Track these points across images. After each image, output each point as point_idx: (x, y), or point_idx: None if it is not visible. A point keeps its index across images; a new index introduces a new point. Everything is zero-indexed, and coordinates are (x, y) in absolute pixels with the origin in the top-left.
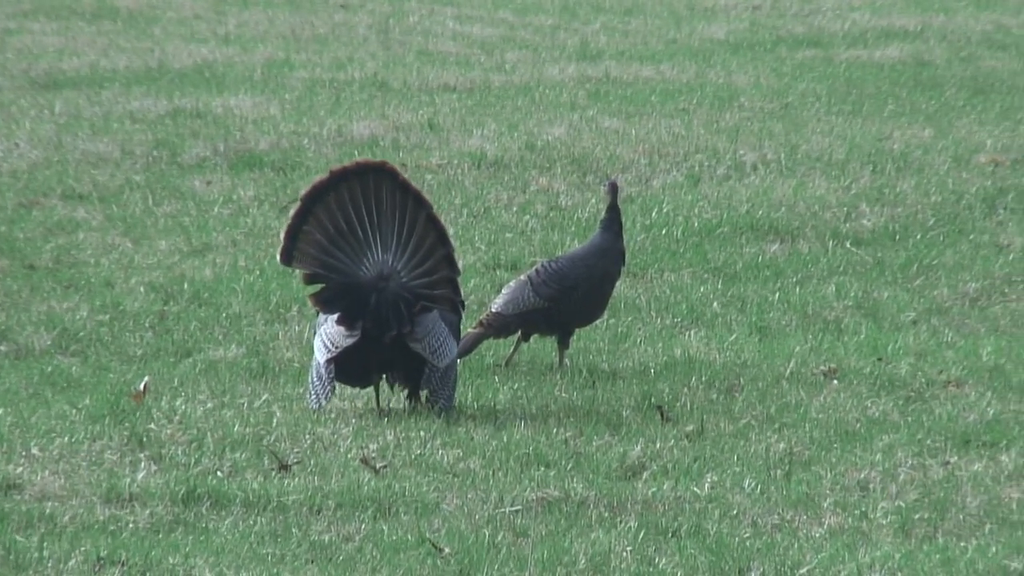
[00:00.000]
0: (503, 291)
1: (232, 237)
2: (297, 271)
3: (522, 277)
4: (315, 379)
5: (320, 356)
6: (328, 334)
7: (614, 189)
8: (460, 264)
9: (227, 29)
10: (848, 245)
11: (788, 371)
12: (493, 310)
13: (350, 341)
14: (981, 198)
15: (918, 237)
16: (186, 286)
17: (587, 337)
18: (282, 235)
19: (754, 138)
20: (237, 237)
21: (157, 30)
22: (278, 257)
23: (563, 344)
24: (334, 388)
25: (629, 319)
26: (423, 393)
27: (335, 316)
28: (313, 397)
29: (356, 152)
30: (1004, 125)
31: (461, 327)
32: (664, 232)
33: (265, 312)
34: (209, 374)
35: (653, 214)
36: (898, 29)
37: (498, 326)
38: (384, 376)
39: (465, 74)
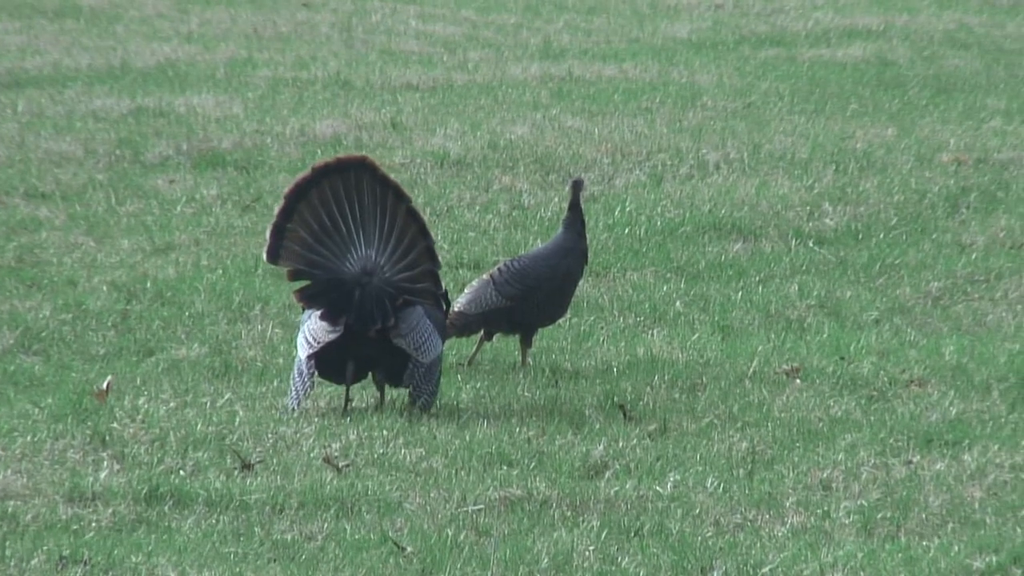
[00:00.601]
0: (466, 290)
1: (195, 236)
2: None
3: (484, 276)
4: (295, 375)
5: (301, 352)
6: (310, 330)
7: (576, 187)
8: (440, 257)
9: (190, 28)
10: (811, 244)
11: (751, 370)
12: (456, 309)
13: (332, 336)
14: (944, 197)
15: (881, 236)
16: (149, 285)
17: (550, 336)
18: (267, 233)
19: (717, 137)
20: (200, 236)
21: (120, 29)
22: (264, 256)
23: (526, 343)
24: (314, 385)
25: (592, 318)
26: (407, 390)
27: (319, 312)
28: (293, 394)
29: (319, 151)
30: (967, 124)
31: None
32: (627, 231)
33: (228, 311)
34: (172, 373)
35: (616, 213)
36: (861, 28)
37: (460, 325)
38: (370, 374)
39: (428, 73)
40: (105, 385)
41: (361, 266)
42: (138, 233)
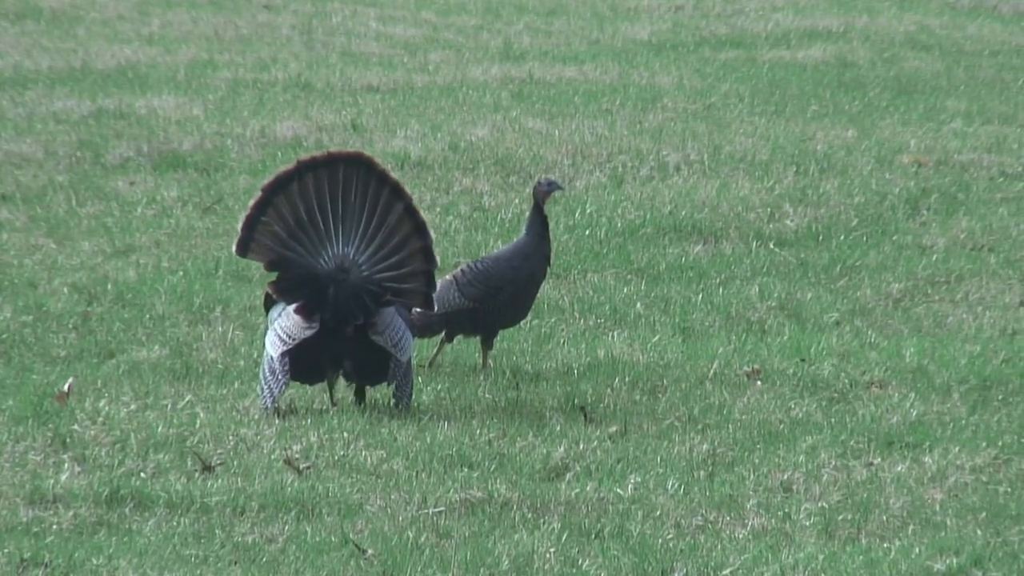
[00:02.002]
0: None
1: (156, 238)
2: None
3: (447, 277)
4: (267, 374)
5: (273, 350)
6: (284, 327)
7: (542, 191)
8: (438, 257)
9: (151, 30)
10: (771, 246)
11: (711, 372)
12: (417, 309)
13: (308, 333)
14: (904, 199)
15: (841, 238)
16: (109, 287)
17: (511, 338)
18: (239, 225)
19: (677, 139)
20: (161, 238)
21: (81, 30)
22: (234, 248)
23: (487, 345)
24: (287, 384)
25: (552, 320)
26: (390, 389)
27: (292, 308)
28: (266, 393)
29: (280, 153)
30: (927, 126)
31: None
32: (587, 233)
33: (188, 313)
34: (132, 375)
35: (576, 215)
36: (821, 30)
37: (422, 325)
38: (340, 372)
39: (388, 75)
40: (66, 387)
41: (336, 263)
42: (99, 235)
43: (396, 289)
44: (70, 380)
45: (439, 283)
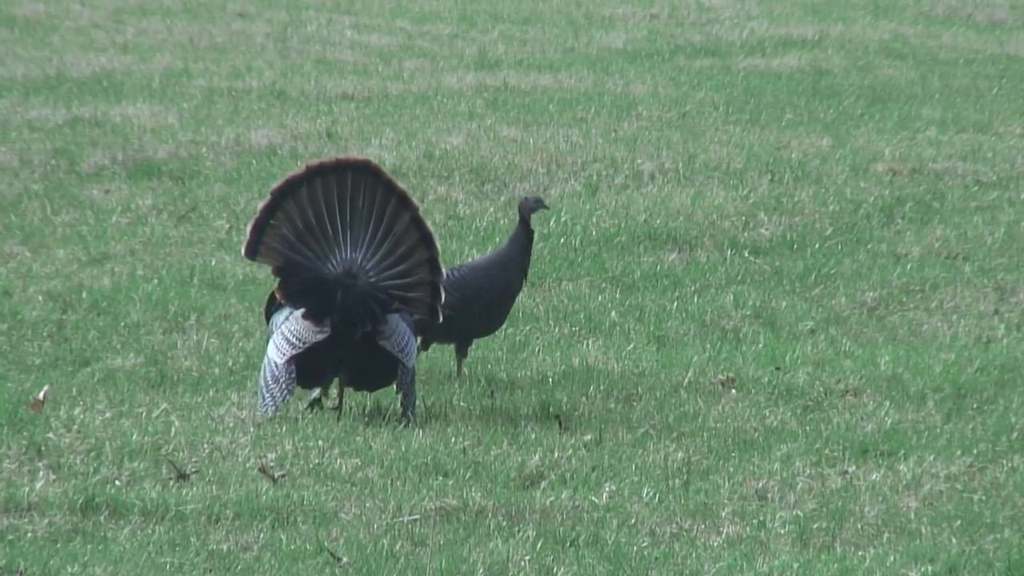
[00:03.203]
0: None
1: (130, 246)
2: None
3: None
4: (269, 382)
5: (278, 357)
6: (293, 331)
7: (527, 206)
8: (445, 269)
9: (125, 38)
10: (746, 254)
11: (686, 380)
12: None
13: (320, 337)
14: (879, 207)
15: (816, 246)
16: (84, 295)
17: (485, 346)
18: (248, 229)
19: (652, 147)
20: (135, 246)
21: (55, 39)
22: (243, 251)
23: (461, 353)
24: (292, 390)
25: (527, 328)
26: (398, 397)
27: (300, 313)
28: (268, 401)
29: (254, 161)
30: (902, 134)
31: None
32: (562, 241)
33: (163, 321)
34: (107, 383)
35: (551, 223)
36: (796, 38)
37: None
38: (340, 377)
39: (363, 83)
40: (41, 395)
41: (344, 268)
42: (73, 243)
43: (402, 297)
44: (45, 388)
45: None
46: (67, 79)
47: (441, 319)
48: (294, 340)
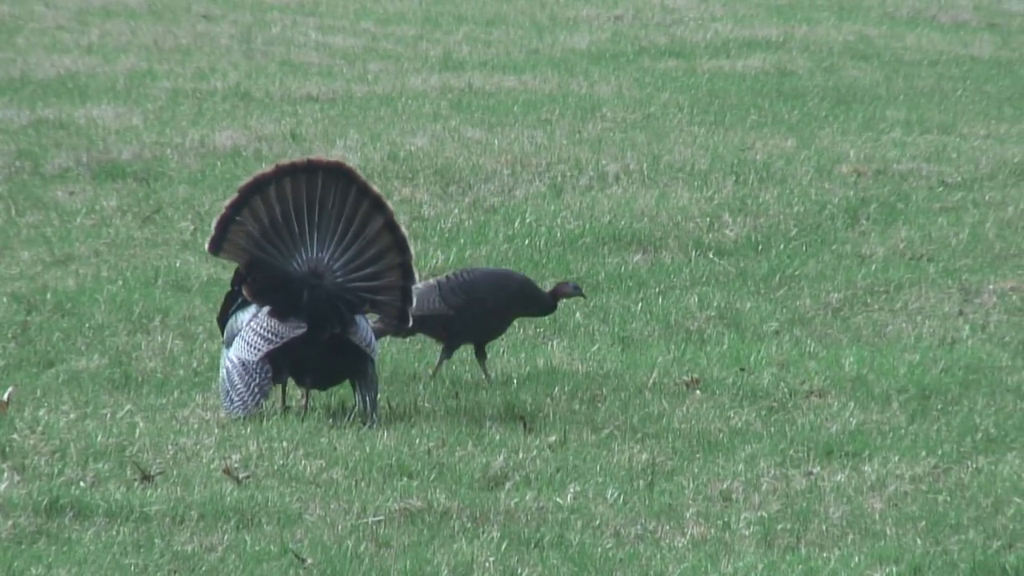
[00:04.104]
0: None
1: (95, 247)
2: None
3: (432, 280)
4: (236, 383)
5: (250, 355)
6: (268, 327)
7: (563, 291)
8: (417, 275)
9: (90, 39)
10: (711, 255)
11: (651, 381)
12: None
13: (299, 332)
14: (843, 208)
15: (781, 247)
16: (49, 296)
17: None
18: (213, 224)
19: (617, 148)
20: (100, 248)
21: (20, 40)
22: (207, 246)
23: (446, 354)
24: (268, 390)
25: None
26: (363, 396)
27: (266, 310)
28: (239, 403)
29: (219, 163)
30: (866, 135)
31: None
32: (527, 242)
33: (128, 322)
34: (72, 384)
35: (516, 224)
36: (760, 39)
37: (389, 325)
38: (302, 378)
39: (328, 84)
40: (5, 397)
41: (310, 267)
42: (38, 244)
43: (371, 300)
44: (9, 389)
45: (423, 285)
46: (31, 80)
47: (411, 323)
48: (270, 336)
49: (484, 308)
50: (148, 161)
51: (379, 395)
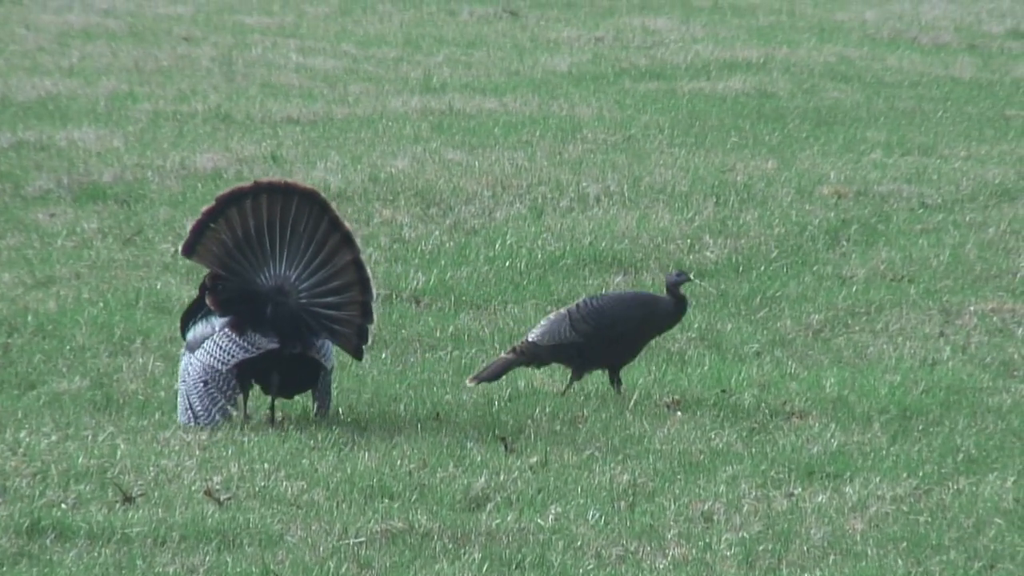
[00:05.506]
0: (542, 321)
1: (76, 270)
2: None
3: (562, 310)
4: (201, 394)
5: (219, 363)
6: (246, 337)
7: (671, 281)
8: (376, 315)
9: (71, 62)
10: (691, 277)
11: (632, 402)
12: (529, 339)
13: (273, 345)
14: (824, 230)
15: (761, 269)
16: (30, 318)
17: (430, 369)
18: (188, 229)
19: (597, 170)
20: (81, 270)
21: (0, 62)
22: (180, 249)
23: (576, 376)
24: (235, 400)
25: (473, 351)
26: (315, 395)
27: (226, 321)
28: (202, 412)
29: (200, 185)
30: (847, 157)
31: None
32: (508, 264)
33: (109, 344)
34: (53, 406)
35: (496, 246)
36: (741, 61)
37: (530, 355)
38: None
39: (308, 106)
40: None
41: (276, 283)
42: (19, 266)
43: (330, 329)
44: None
45: (553, 314)
46: (12, 103)
47: (363, 359)
48: (247, 345)
49: (613, 334)
50: (129, 183)
51: (331, 397)
